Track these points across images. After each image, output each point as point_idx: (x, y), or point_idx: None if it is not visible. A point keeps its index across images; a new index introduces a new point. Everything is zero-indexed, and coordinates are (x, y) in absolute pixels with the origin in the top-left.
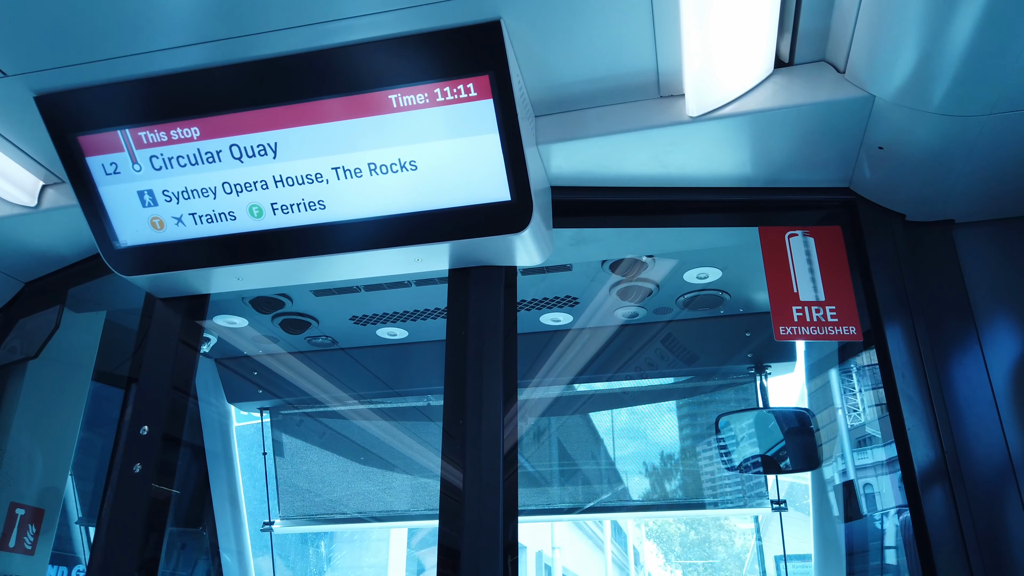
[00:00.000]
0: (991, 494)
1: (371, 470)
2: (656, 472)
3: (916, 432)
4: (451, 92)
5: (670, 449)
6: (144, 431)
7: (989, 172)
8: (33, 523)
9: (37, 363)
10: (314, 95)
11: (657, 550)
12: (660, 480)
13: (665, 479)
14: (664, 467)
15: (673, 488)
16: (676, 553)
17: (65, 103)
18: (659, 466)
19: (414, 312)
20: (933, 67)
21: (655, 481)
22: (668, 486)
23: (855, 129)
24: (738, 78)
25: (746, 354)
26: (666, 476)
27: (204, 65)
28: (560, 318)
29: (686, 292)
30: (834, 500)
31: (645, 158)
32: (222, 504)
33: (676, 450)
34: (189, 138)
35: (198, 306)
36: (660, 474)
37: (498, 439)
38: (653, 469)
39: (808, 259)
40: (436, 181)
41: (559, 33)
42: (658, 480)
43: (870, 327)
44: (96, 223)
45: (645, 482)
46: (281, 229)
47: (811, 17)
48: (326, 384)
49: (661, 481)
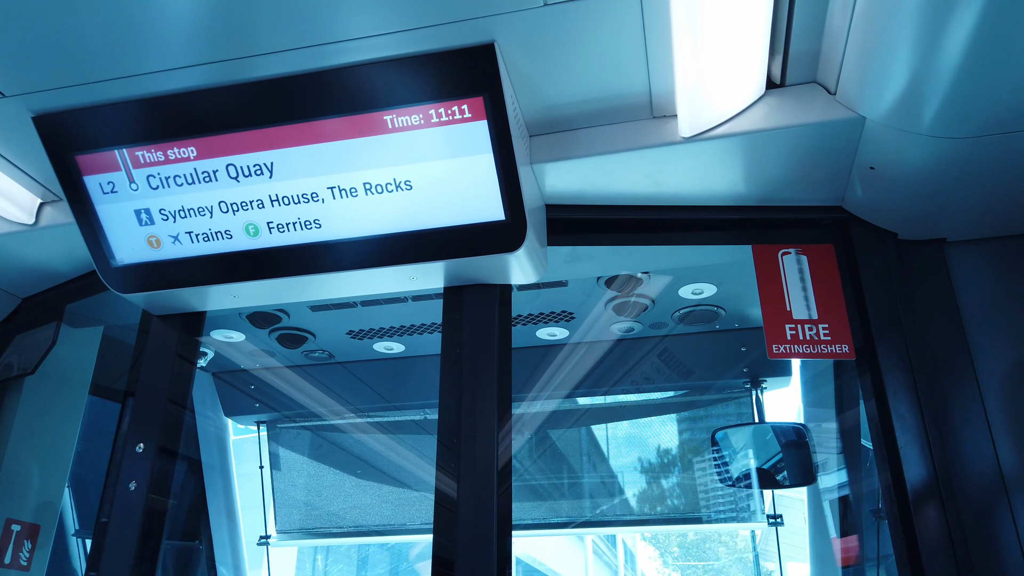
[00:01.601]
0: (983, 512)
1: (368, 484)
2: (651, 486)
3: (908, 450)
4: (446, 113)
5: (666, 463)
6: (140, 448)
7: (980, 192)
8: (29, 539)
9: (34, 379)
10: (310, 116)
11: (654, 553)
12: (655, 494)
13: (661, 493)
14: (659, 481)
15: (669, 502)
16: (674, 555)
17: (63, 123)
18: (654, 480)
19: (410, 327)
20: (923, 90)
21: (650, 495)
22: (663, 500)
23: (846, 149)
24: (730, 99)
25: (742, 369)
26: (662, 490)
27: (201, 86)
28: (556, 333)
29: (681, 307)
30: (830, 514)
31: (639, 177)
32: (219, 518)
33: (672, 464)
34: (186, 158)
35: (194, 323)
36: (656, 488)
37: (493, 452)
38: (648, 483)
39: (801, 277)
40: (431, 201)
41: (552, 55)
42: (653, 494)
43: (863, 345)
44: (93, 241)
45: (640, 496)
46: (277, 248)
47: (802, 39)
48: (323, 398)
49: (656, 495)
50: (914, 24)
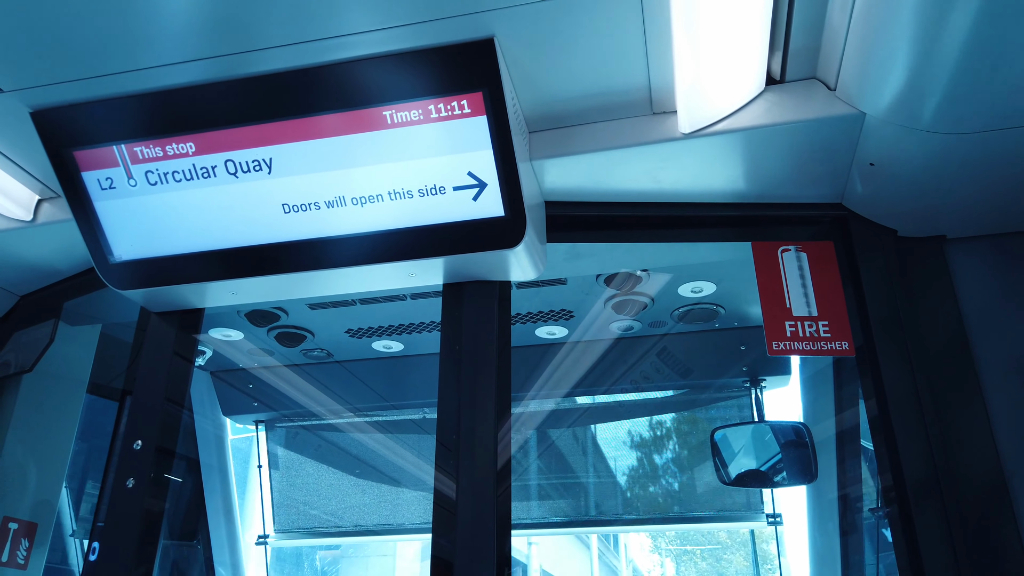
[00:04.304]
0: (983, 510)
1: (367, 483)
2: (651, 485)
3: (908, 447)
4: (445, 109)
5: (665, 462)
6: (137, 445)
7: (980, 188)
8: (26, 537)
9: (32, 376)
10: (309, 111)
11: (647, 543)
12: (655, 493)
13: (660, 492)
14: (659, 480)
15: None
16: (668, 538)
17: (61, 118)
18: (654, 479)
19: (409, 325)
20: (923, 85)
21: (650, 494)
22: (662, 499)
23: (846, 146)
24: (730, 95)
25: (741, 367)
26: (661, 489)
27: (200, 81)
28: (555, 331)
29: (681, 306)
30: (830, 513)
31: (638, 174)
32: (217, 517)
33: (671, 463)
34: (184, 153)
35: (193, 320)
36: (655, 487)
37: (492, 452)
38: (648, 482)
39: (801, 274)
40: (430, 196)
41: (552, 51)
42: (653, 493)
43: (862, 342)
44: (91, 237)
45: (639, 495)
46: (275, 244)
47: (802, 35)
48: (322, 397)
49: (655, 494)
50: (914, 20)
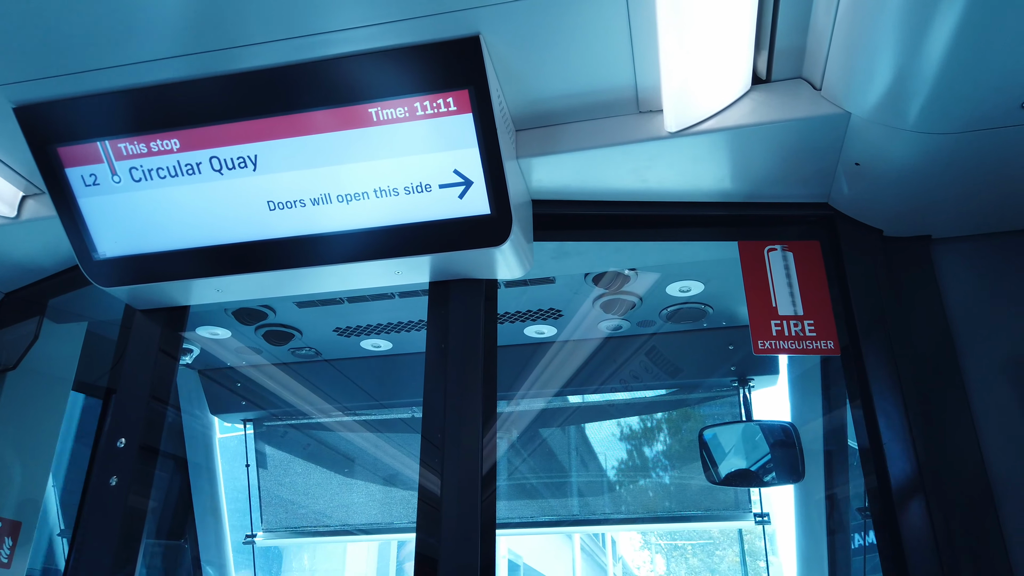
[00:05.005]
0: (968, 510)
1: (355, 482)
2: (639, 484)
3: (892, 447)
4: (431, 106)
5: (653, 461)
6: (121, 443)
7: (966, 188)
8: (10, 536)
9: (16, 374)
10: (295, 108)
11: (637, 539)
12: (643, 492)
13: (648, 491)
14: (647, 479)
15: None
16: (658, 534)
17: (44, 114)
18: (642, 478)
19: (398, 324)
20: (908, 85)
21: (638, 493)
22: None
23: (832, 146)
24: (716, 94)
25: (729, 367)
26: (649, 488)
27: (185, 77)
28: (544, 330)
29: (669, 305)
30: (817, 513)
31: (625, 173)
32: (204, 516)
33: (659, 462)
34: (169, 150)
35: (178, 317)
36: (643, 486)
37: (477, 451)
38: (636, 481)
39: (787, 273)
40: (416, 194)
41: (538, 49)
42: (641, 492)
43: (848, 341)
44: (75, 234)
45: (628, 494)
46: (260, 241)
47: (787, 35)
48: (310, 396)
49: (644, 493)
50: (898, 20)
